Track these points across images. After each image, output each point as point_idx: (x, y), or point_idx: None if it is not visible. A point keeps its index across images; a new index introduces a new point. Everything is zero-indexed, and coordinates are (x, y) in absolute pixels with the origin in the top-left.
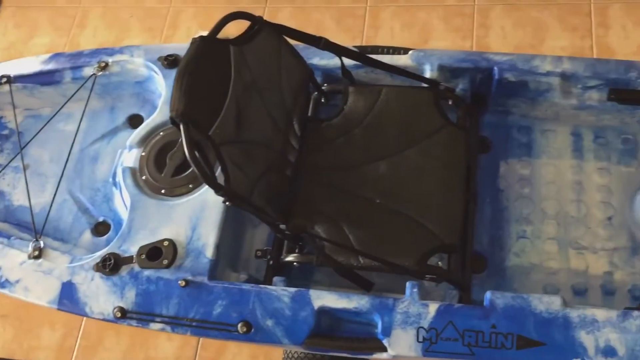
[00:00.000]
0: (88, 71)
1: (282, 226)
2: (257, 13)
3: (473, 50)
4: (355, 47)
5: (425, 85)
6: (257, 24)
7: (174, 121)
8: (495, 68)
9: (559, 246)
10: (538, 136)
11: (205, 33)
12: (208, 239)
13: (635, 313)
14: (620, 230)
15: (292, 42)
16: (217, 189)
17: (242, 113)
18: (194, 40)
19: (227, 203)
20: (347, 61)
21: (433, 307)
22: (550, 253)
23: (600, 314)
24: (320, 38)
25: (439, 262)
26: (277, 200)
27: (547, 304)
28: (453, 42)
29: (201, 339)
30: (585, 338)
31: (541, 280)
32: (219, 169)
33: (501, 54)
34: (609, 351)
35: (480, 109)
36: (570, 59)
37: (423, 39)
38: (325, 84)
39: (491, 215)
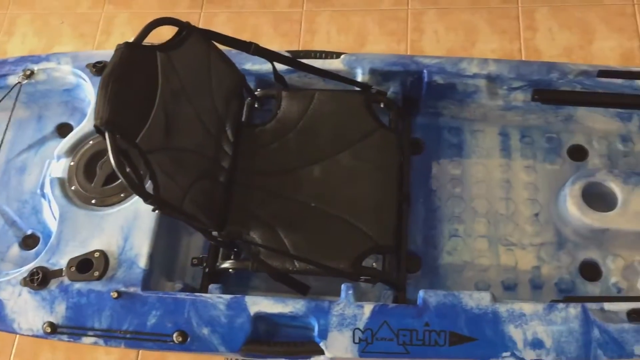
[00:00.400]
0: (13, 80)
1: (215, 233)
2: (192, 18)
3: (408, 53)
4: (288, 51)
5: (357, 88)
6: (185, 30)
7: (98, 129)
8: (425, 71)
9: (490, 243)
10: (468, 137)
11: None
12: (141, 249)
13: (560, 305)
14: (547, 225)
15: (224, 48)
16: (146, 197)
17: (171, 120)
18: (119, 47)
19: (156, 211)
20: (281, 66)
21: (368, 308)
22: (481, 250)
23: (527, 307)
24: (251, 43)
25: (374, 264)
26: (210, 207)
27: (477, 300)
28: (388, 45)
29: (140, 351)
30: (514, 332)
31: (473, 277)
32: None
33: (430, 57)
34: (537, 343)
35: (412, 111)
36: (495, 61)
37: (359, 43)
38: (259, 89)
39: (425, 215)
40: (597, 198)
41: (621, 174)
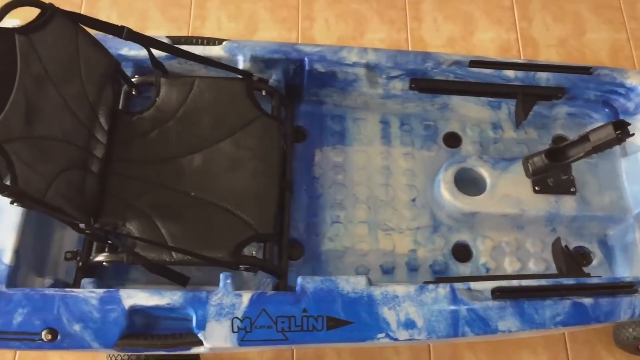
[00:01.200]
0: None
1: (83, 225)
2: (74, 1)
3: (299, 42)
4: (168, 37)
5: (239, 76)
6: (48, 11)
7: None
8: (306, 59)
9: (369, 229)
10: (350, 124)
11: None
12: (5, 244)
13: (431, 286)
14: (423, 210)
15: (97, 32)
16: (2, 189)
17: (33, 107)
18: None
19: (15, 204)
20: (161, 52)
21: (246, 297)
22: (362, 236)
23: (400, 289)
24: (123, 27)
25: (254, 252)
26: (79, 198)
27: (353, 284)
28: (279, 33)
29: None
30: (388, 314)
31: (354, 262)
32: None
33: (312, 46)
34: (410, 324)
35: (295, 99)
36: (374, 51)
37: (250, 30)
38: (136, 76)
39: (307, 203)
40: (469, 183)
41: (490, 160)
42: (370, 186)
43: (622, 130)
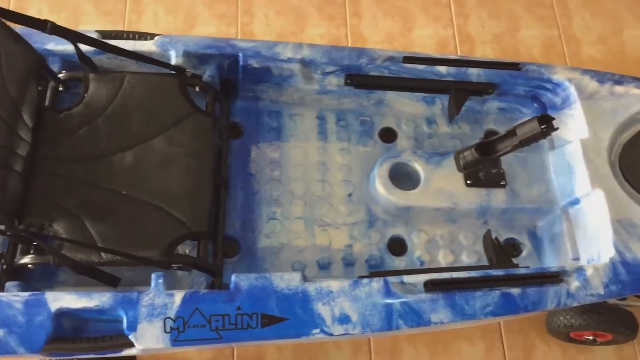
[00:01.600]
0: None
1: (1, 227)
2: None
3: (238, 37)
4: (98, 32)
5: (172, 72)
6: None
7: None
8: (240, 54)
9: (306, 224)
10: (287, 120)
11: None
12: None
13: (365, 281)
14: (359, 205)
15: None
16: None
17: None
18: None
19: None
20: (89, 47)
21: (179, 296)
22: (298, 232)
23: (334, 285)
24: (47, 21)
25: (187, 250)
26: (0, 198)
27: (287, 281)
28: (218, 28)
29: None
30: (323, 309)
31: (290, 259)
32: None
33: (246, 41)
34: (344, 319)
35: (230, 95)
36: (309, 46)
37: (188, 24)
38: (64, 71)
39: (243, 200)
40: (404, 178)
41: (424, 155)
42: (307, 182)
43: (546, 125)
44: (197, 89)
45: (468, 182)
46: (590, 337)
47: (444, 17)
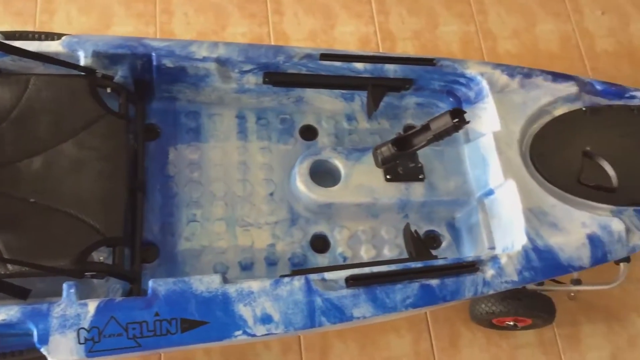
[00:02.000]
0: None
1: None
2: None
3: (158, 36)
4: (0, 32)
5: (81, 73)
6: None
7: None
8: (154, 54)
9: (227, 225)
10: (206, 120)
11: None
12: None
13: (286, 279)
14: (281, 204)
15: None
16: None
17: None
18: None
19: None
20: None
21: (92, 306)
22: (220, 233)
23: (255, 285)
24: None
25: (102, 258)
26: None
27: (207, 283)
28: (136, 28)
29: None
30: (244, 310)
31: (211, 261)
32: None
33: (160, 40)
34: (266, 318)
35: (146, 96)
36: (225, 45)
37: (104, 24)
38: None
39: (162, 203)
40: (326, 175)
41: (344, 151)
42: (228, 182)
43: (458, 118)
44: (108, 90)
45: (387, 177)
46: (512, 323)
47: (365, 14)
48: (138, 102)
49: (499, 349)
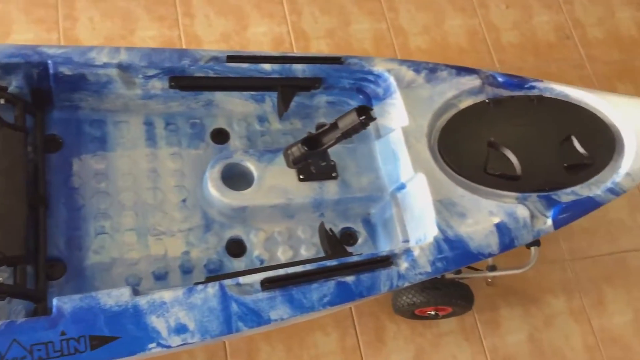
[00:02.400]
0: None
1: None
2: None
3: (61, 43)
4: None
5: None
6: None
7: None
8: (50, 62)
9: (138, 236)
10: (111, 129)
11: None
12: None
13: (200, 287)
14: (194, 210)
15: None
16: None
17: None
18: None
19: None
20: None
21: None
22: (131, 244)
23: (167, 295)
24: None
25: (0, 278)
26: None
27: (115, 297)
28: (37, 35)
29: None
30: (157, 322)
31: (123, 273)
32: None
33: (56, 47)
34: (181, 328)
35: (44, 106)
36: (127, 50)
37: (4, 32)
38: None
39: (67, 216)
40: (240, 178)
41: (255, 153)
42: (137, 191)
43: (365, 115)
44: (1, 101)
45: (300, 176)
46: (433, 312)
47: (278, 14)
48: (36, 112)
49: (423, 338)
